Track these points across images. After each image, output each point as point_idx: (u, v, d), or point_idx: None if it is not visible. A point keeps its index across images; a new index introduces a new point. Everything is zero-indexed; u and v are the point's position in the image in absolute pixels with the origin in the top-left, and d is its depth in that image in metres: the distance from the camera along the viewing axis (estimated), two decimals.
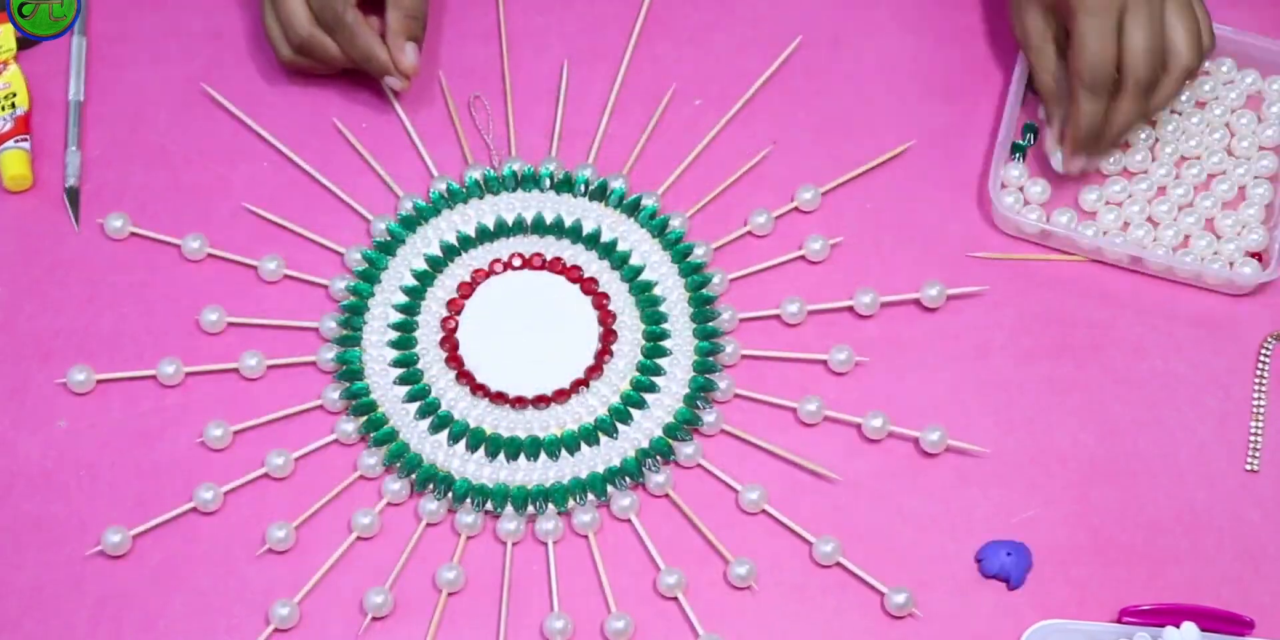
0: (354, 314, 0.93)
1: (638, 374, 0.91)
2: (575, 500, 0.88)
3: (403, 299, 0.94)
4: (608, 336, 0.92)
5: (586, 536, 0.87)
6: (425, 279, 0.95)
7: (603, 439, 0.90)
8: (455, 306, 0.94)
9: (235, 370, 0.92)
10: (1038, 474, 0.89)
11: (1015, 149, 0.98)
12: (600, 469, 0.89)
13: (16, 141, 0.99)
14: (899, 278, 0.95)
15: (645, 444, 0.89)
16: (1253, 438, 0.90)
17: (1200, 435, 0.90)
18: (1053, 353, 0.92)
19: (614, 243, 0.95)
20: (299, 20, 0.96)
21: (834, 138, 0.99)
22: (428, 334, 0.93)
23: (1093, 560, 0.87)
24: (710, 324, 0.92)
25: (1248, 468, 0.89)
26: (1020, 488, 0.89)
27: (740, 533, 0.87)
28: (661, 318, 0.93)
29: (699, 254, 0.95)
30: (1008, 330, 0.93)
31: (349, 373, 0.91)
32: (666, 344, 0.92)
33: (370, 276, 0.94)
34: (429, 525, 0.88)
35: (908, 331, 0.93)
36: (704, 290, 0.94)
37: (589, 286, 0.94)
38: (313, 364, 0.92)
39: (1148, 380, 0.92)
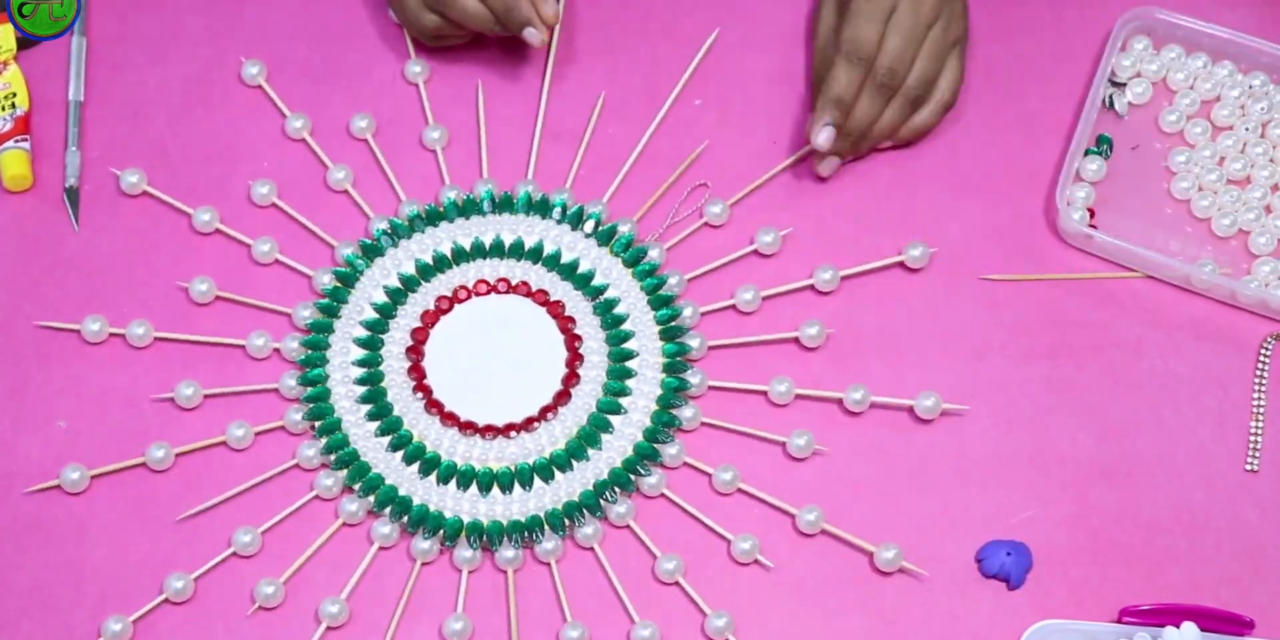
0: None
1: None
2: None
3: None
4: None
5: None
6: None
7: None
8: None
9: (237, 347, 0.92)
10: (1038, 474, 0.89)
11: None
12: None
13: (16, 141, 0.99)
14: (895, 286, 0.95)
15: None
16: (1252, 438, 0.90)
17: (1200, 435, 0.90)
18: (1053, 353, 0.92)
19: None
20: None
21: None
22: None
23: (1092, 560, 0.86)
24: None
25: (1247, 468, 0.89)
26: (1020, 488, 0.89)
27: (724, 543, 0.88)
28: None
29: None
30: (1008, 330, 0.93)
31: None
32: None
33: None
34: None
35: (906, 332, 0.93)
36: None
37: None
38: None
39: (1148, 380, 0.92)
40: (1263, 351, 0.92)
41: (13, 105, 1.00)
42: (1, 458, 0.90)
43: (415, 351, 0.92)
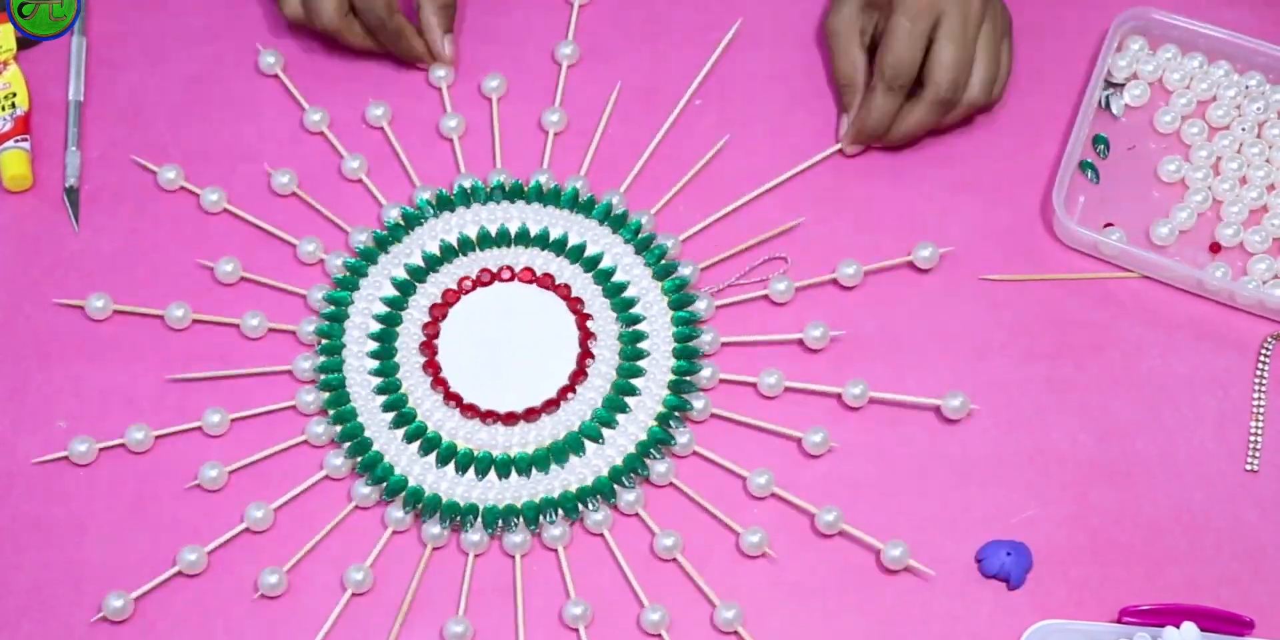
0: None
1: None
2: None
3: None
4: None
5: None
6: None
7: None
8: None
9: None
10: (1038, 474, 0.89)
11: (1085, 167, 0.98)
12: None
13: (16, 141, 0.99)
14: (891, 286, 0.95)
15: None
16: (1252, 438, 0.90)
17: (1200, 435, 0.90)
18: (1053, 353, 0.92)
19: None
20: (326, 12, 0.97)
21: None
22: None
23: (1092, 560, 0.87)
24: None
25: (1247, 468, 0.89)
26: (1020, 488, 0.89)
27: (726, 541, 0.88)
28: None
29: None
30: (1008, 330, 0.93)
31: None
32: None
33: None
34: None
35: (906, 333, 0.93)
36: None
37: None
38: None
39: (1148, 380, 0.92)
40: (1263, 352, 0.93)
41: (13, 105, 1.00)
42: (1, 458, 0.90)
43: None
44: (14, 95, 1.00)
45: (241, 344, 0.93)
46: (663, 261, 0.94)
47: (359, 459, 0.89)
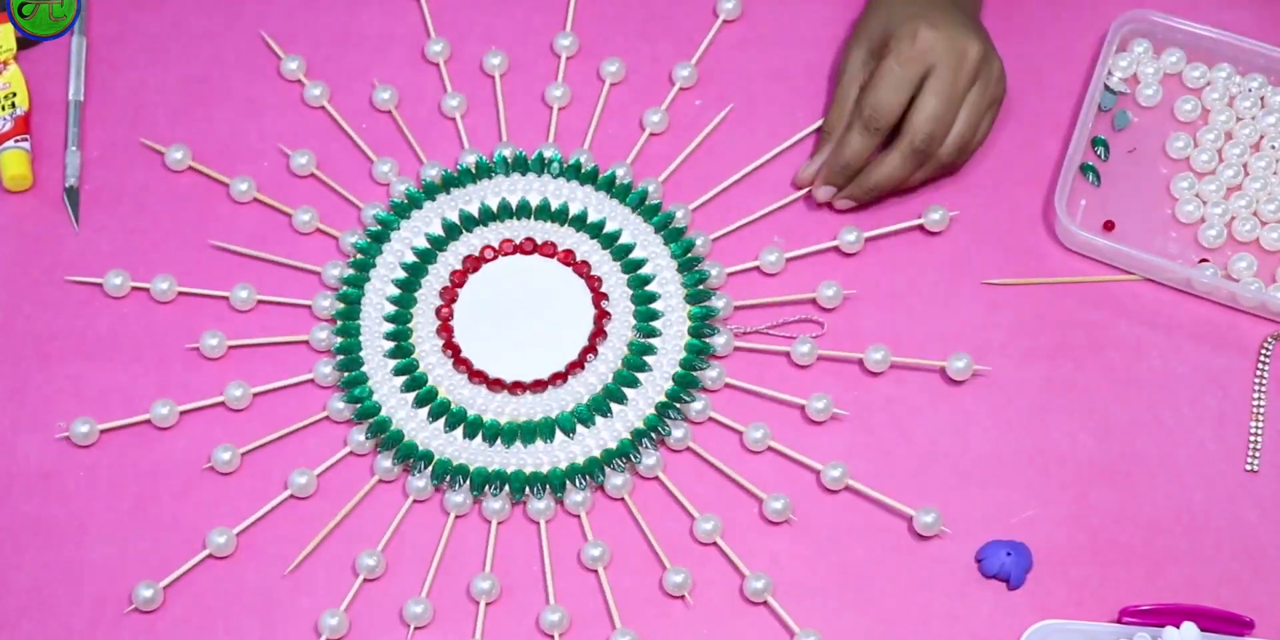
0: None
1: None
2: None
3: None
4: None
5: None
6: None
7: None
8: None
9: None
10: (1037, 474, 0.89)
11: (1086, 169, 0.98)
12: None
13: (16, 141, 0.99)
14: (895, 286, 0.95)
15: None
16: (1252, 438, 0.90)
17: (1200, 435, 0.90)
18: (1053, 353, 0.92)
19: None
20: None
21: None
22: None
23: (1092, 560, 0.87)
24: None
25: (1247, 468, 0.89)
26: (1020, 488, 0.89)
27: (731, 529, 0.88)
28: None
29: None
30: (1007, 330, 0.93)
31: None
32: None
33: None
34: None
35: (906, 334, 0.93)
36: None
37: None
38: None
39: (1148, 380, 0.92)
40: (1263, 352, 0.93)
41: (13, 105, 1.00)
42: (1, 458, 0.90)
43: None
44: (14, 95, 1.00)
45: (249, 351, 0.94)
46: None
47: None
